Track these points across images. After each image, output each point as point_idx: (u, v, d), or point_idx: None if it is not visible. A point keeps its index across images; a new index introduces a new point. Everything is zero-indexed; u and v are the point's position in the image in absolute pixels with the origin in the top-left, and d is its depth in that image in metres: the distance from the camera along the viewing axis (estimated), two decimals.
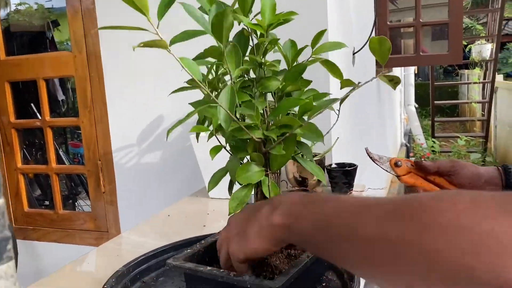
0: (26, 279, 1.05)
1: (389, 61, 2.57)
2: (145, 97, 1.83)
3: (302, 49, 0.81)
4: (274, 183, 0.81)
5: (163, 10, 0.66)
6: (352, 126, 2.01)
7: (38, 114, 2.76)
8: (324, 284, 0.89)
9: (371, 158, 1.01)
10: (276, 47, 0.82)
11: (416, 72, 11.43)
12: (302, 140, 0.87)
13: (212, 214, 1.38)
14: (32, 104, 2.90)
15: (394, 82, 0.75)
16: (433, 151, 6.11)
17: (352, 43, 2.06)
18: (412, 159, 0.93)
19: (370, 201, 0.49)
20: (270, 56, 0.88)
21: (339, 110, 0.91)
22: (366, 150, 1.03)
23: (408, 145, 6.26)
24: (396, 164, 0.93)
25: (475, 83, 6.73)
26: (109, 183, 1.96)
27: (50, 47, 3.61)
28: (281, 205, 0.60)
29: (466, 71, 8.57)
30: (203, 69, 0.82)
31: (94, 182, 2.00)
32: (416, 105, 8.21)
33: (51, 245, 2.15)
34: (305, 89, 0.88)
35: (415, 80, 11.64)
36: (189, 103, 0.78)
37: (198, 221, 1.33)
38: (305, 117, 0.79)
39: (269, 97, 0.87)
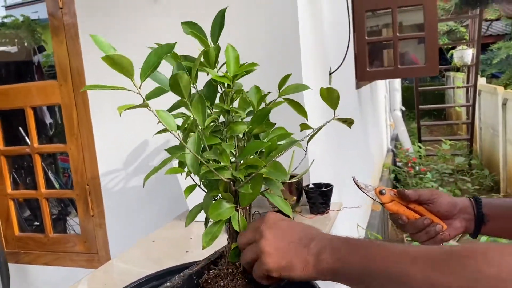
0: None
1: (369, 74, 2.65)
2: (130, 123, 1.90)
3: (265, 95, 0.89)
4: (243, 218, 0.89)
5: (145, 73, 0.73)
6: (328, 144, 2.09)
7: (26, 139, 2.81)
8: None
9: (358, 186, 1.09)
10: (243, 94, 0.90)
11: None
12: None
13: (194, 239, 1.45)
14: (20, 129, 2.95)
15: (348, 122, 0.83)
16: (419, 156, 6.23)
17: (328, 63, 2.14)
18: (398, 188, 1.02)
19: (413, 249, 0.56)
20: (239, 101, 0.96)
21: (306, 147, 0.99)
22: (353, 179, 1.11)
23: (395, 150, 6.37)
24: (380, 192, 1.01)
25: (458, 87, 6.87)
26: (97, 206, 2.02)
27: (37, 73, 3.67)
28: (327, 249, 0.64)
29: (451, 73, 8.72)
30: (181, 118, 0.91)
31: (83, 206, 2.06)
32: (403, 108, 8.34)
33: (43, 268, 2.20)
34: (273, 128, 0.96)
35: (402, 83, 11.82)
36: (165, 149, 0.85)
37: (181, 247, 1.40)
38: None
39: (241, 137, 0.95)
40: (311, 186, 1.64)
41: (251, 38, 1.67)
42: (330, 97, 0.79)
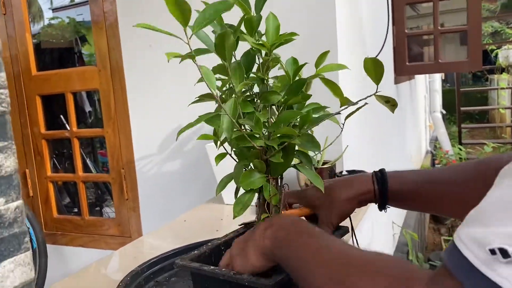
0: (54, 281, 1.14)
1: (408, 69, 2.60)
2: (166, 108, 1.92)
3: (302, 65, 0.87)
4: (275, 188, 0.87)
5: (199, 25, 0.73)
6: (364, 134, 2.04)
7: (66, 125, 2.90)
8: None
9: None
10: (279, 64, 0.88)
11: (443, 78, 11.25)
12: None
13: (225, 220, 1.45)
14: (61, 116, 3.05)
15: (390, 104, 0.79)
16: (460, 158, 6.01)
17: (366, 52, 2.10)
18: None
19: (330, 250, 0.60)
20: (277, 72, 0.95)
21: (343, 124, 0.96)
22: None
23: (433, 152, 6.18)
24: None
25: (502, 88, 6.60)
26: (132, 190, 2.05)
27: (78, 62, 3.79)
28: (272, 227, 0.70)
29: (495, 76, 8.40)
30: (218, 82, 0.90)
31: (118, 190, 2.10)
32: (444, 111, 8.09)
33: (78, 249, 2.26)
34: (308, 103, 0.94)
35: (444, 86, 11.46)
36: (199, 116, 0.85)
37: (212, 226, 1.40)
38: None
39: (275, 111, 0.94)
40: (344, 172, 1.61)
41: (288, 18, 1.65)
42: (375, 69, 0.76)
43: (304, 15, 1.64)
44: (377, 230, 2.15)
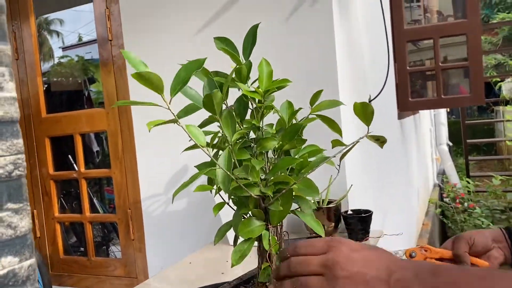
0: None
1: (412, 104, 2.62)
2: (172, 148, 1.95)
3: (297, 110, 0.89)
4: (274, 237, 0.88)
5: (175, 89, 0.76)
6: (368, 172, 2.05)
7: (74, 165, 2.94)
8: None
9: None
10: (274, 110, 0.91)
11: (448, 110, 11.28)
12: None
13: (230, 262, 1.44)
14: (69, 156, 3.10)
15: (380, 141, 0.82)
16: (468, 191, 5.96)
17: (368, 91, 2.14)
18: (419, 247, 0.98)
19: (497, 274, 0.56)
20: (271, 115, 0.98)
21: (339, 165, 0.98)
22: None
23: (441, 185, 6.14)
24: (411, 256, 0.97)
25: (508, 120, 6.60)
26: (138, 230, 2.06)
27: (87, 103, 3.89)
28: (414, 284, 0.57)
29: (501, 107, 8.43)
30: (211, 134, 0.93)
31: (124, 230, 2.11)
32: (450, 143, 8.08)
33: None
34: (304, 146, 0.96)
35: (449, 118, 11.48)
36: (194, 166, 0.87)
37: (217, 269, 1.39)
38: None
39: (271, 154, 0.96)
40: (349, 212, 1.61)
41: (285, 57, 1.70)
42: (364, 112, 0.79)
43: (304, 56, 1.69)
44: None
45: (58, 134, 2.26)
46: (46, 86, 4.04)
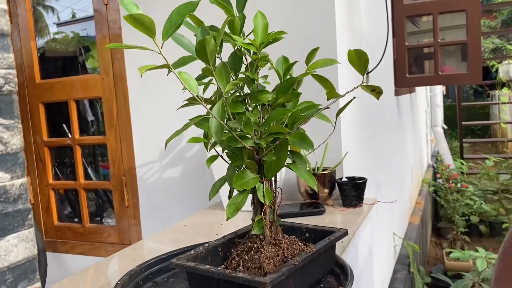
0: None
1: (409, 81, 2.61)
2: (167, 114, 1.94)
3: (292, 64, 0.89)
4: (269, 189, 0.88)
5: (167, 32, 0.75)
6: (363, 143, 2.05)
7: (69, 134, 2.93)
8: (322, 286, 0.94)
9: None
10: (270, 64, 0.90)
11: (445, 93, 11.27)
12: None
13: (225, 225, 1.45)
14: (63, 125, 3.08)
15: (376, 92, 0.81)
16: (461, 172, 6.00)
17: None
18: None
19: None
20: (266, 72, 0.97)
21: (335, 122, 0.98)
22: None
23: (435, 166, 6.17)
24: None
25: (503, 103, 6.62)
26: (133, 197, 2.06)
27: (81, 71, 3.84)
28: None
29: (496, 91, 8.44)
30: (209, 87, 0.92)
31: (118, 197, 2.11)
32: (445, 126, 8.10)
33: (78, 257, 2.26)
34: (304, 100, 0.95)
35: (445, 102, 11.49)
36: (189, 119, 0.86)
37: (211, 231, 1.40)
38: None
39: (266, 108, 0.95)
40: (344, 179, 1.61)
41: (282, 16, 1.68)
42: (359, 59, 0.78)
43: (302, 17, 1.67)
44: (378, 240, 2.14)
45: (52, 100, 2.24)
46: (40, 53, 3.98)
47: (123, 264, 1.18)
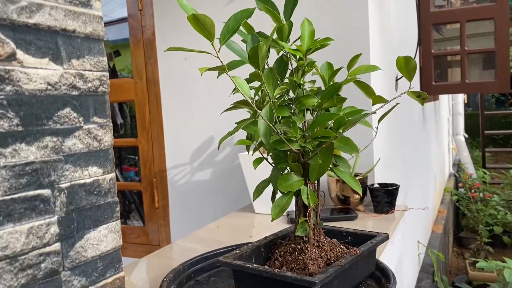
0: None
1: (435, 89, 2.62)
2: (198, 118, 1.98)
3: (337, 70, 0.91)
4: (313, 192, 0.90)
5: (224, 37, 0.78)
6: (395, 149, 2.06)
7: None
8: None
9: None
10: (315, 69, 0.92)
11: (466, 102, 11.13)
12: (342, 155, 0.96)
13: (258, 227, 1.48)
14: None
15: (421, 98, 0.83)
16: (484, 181, 5.92)
17: (394, 71, 2.13)
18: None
19: None
20: (310, 78, 0.99)
21: (377, 128, 1.00)
22: None
23: (457, 175, 6.10)
24: None
25: None
26: (163, 199, 2.10)
27: (112, 75, 3.91)
28: None
29: None
30: (251, 91, 0.95)
31: (148, 198, 2.15)
32: (466, 135, 8.01)
33: None
34: (344, 106, 0.97)
35: (466, 110, 11.35)
36: (235, 122, 0.89)
37: (245, 232, 1.43)
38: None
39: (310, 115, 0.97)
40: (376, 185, 1.62)
41: (321, 23, 1.70)
42: (407, 66, 0.80)
43: (338, 24, 1.69)
44: (405, 248, 2.14)
45: None
46: None
47: (164, 262, 1.21)
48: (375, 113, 0.89)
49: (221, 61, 0.77)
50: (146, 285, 1.08)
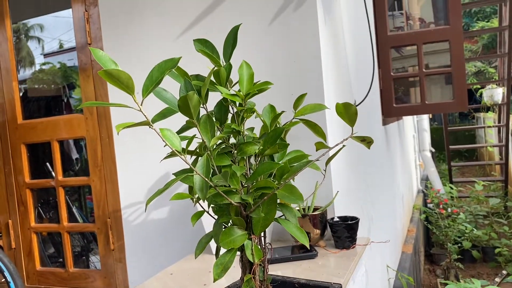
0: None
1: (396, 110, 2.60)
2: (152, 156, 1.90)
3: (279, 114, 0.86)
4: (258, 247, 0.83)
5: (147, 89, 0.72)
6: (354, 178, 2.02)
7: (52, 173, 2.85)
8: None
9: None
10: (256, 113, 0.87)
11: (431, 117, 11.39)
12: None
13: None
14: (47, 163, 3.01)
15: (366, 142, 0.78)
16: (451, 197, 5.99)
17: (352, 97, 2.11)
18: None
19: None
20: (253, 121, 0.94)
21: (325, 170, 0.94)
22: None
23: (425, 191, 6.17)
24: None
25: (489, 127, 6.69)
26: (118, 240, 1.99)
27: (66, 109, 3.79)
28: None
29: (481, 114, 8.55)
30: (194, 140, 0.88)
31: (103, 240, 2.03)
32: (433, 150, 8.15)
33: None
34: (289, 151, 0.92)
35: (431, 125, 11.61)
36: (172, 173, 0.82)
37: (199, 280, 1.34)
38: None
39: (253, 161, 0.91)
40: (336, 219, 1.57)
41: (269, 62, 1.66)
42: (347, 112, 0.75)
43: (288, 61, 1.65)
44: (372, 275, 2.09)
45: (35, 141, 2.18)
46: (22, 92, 3.93)
47: None
48: (318, 160, 0.83)
49: (144, 115, 0.71)
50: None
